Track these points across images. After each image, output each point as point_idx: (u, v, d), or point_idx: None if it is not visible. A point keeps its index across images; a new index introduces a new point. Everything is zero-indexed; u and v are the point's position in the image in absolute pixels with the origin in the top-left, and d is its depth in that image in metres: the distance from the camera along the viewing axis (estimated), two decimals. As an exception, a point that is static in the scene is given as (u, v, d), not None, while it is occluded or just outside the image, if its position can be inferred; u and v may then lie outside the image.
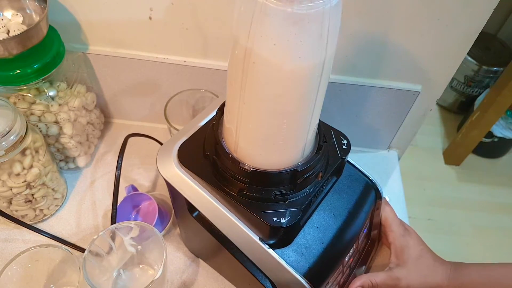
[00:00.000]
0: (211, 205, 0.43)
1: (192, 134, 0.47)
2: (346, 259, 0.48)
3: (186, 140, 0.46)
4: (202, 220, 0.47)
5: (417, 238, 0.54)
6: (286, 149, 0.39)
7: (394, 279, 0.50)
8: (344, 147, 0.47)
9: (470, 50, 0.57)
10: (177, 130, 0.62)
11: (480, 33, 0.55)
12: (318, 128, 0.43)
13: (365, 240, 0.54)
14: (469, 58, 1.72)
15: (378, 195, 0.52)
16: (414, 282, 0.50)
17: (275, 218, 0.39)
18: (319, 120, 0.42)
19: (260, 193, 0.40)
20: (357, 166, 0.52)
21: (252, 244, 0.43)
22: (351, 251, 0.49)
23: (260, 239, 0.42)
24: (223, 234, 0.44)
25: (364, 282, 0.50)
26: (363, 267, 0.55)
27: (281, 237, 0.42)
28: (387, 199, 0.56)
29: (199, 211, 0.45)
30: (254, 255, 0.44)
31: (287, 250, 0.43)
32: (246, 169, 0.40)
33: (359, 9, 0.54)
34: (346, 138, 0.48)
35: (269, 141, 0.38)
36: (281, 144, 0.38)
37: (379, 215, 0.54)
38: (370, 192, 0.51)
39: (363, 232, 0.52)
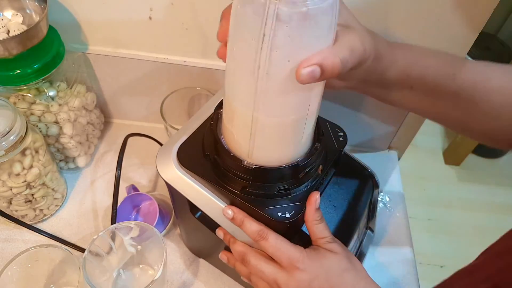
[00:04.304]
0: (215, 204, 0.43)
1: (191, 134, 0.47)
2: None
3: (185, 141, 0.46)
4: (206, 220, 0.47)
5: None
6: (287, 145, 0.39)
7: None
8: (340, 139, 0.47)
9: (470, 50, 0.57)
10: (174, 128, 0.62)
11: (480, 33, 0.55)
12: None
13: (364, 230, 0.55)
14: (469, 58, 1.71)
15: (375, 184, 0.52)
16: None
17: (279, 213, 0.39)
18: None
19: (263, 190, 0.40)
20: (353, 156, 0.52)
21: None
22: (353, 241, 0.49)
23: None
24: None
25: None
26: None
27: (285, 232, 0.42)
28: (388, 199, 0.55)
29: (202, 211, 0.45)
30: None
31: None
32: (248, 166, 0.40)
33: (359, 8, 0.54)
34: (342, 130, 0.48)
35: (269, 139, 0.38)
36: (281, 140, 0.38)
37: (377, 204, 0.54)
38: (367, 181, 0.52)
39: (364, 221, 0.52)
